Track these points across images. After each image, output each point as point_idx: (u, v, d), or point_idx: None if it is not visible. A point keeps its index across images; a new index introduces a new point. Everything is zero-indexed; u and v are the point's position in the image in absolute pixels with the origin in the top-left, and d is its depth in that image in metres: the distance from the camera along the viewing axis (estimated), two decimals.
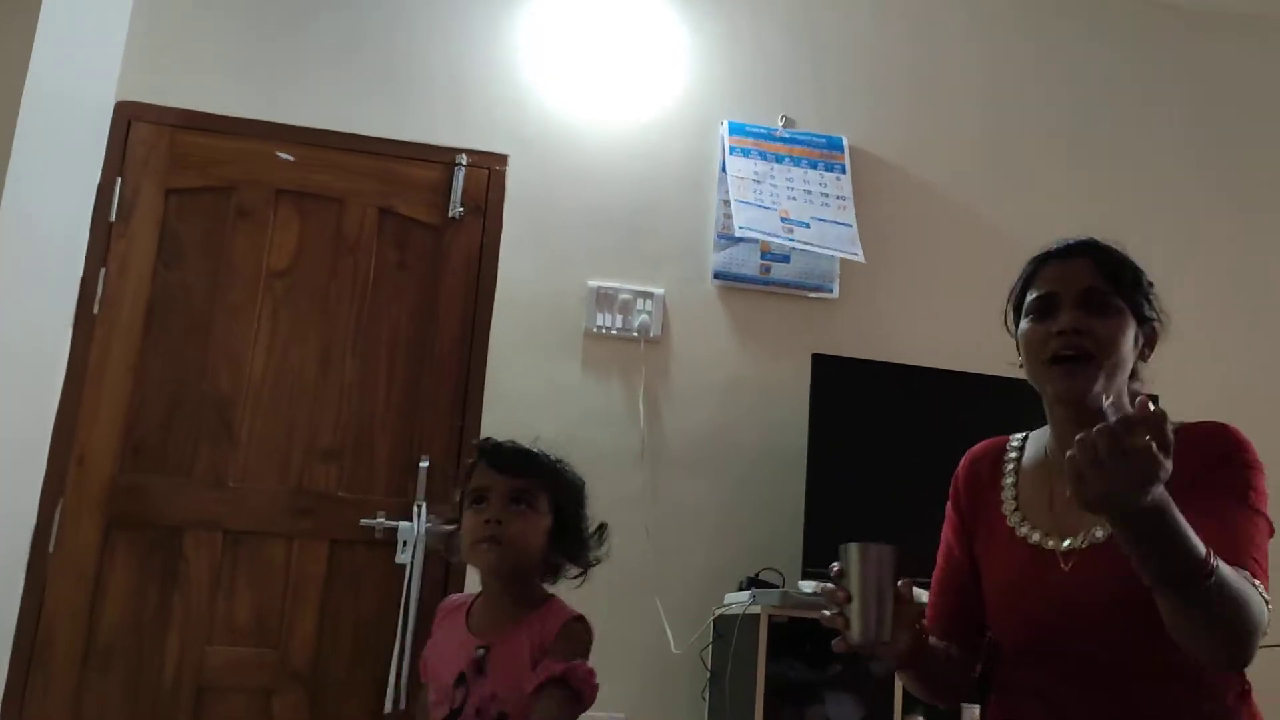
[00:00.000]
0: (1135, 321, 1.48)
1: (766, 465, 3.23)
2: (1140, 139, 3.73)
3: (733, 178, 3.32)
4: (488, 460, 1.66)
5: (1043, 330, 1.48)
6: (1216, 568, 1.20)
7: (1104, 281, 1.49)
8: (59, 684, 2.87)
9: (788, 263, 3.35)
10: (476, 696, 1.54)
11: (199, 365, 3.09)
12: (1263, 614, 1.25)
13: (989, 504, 1.58)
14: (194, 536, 3.00)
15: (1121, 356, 1.45)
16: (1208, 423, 1.46)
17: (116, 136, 3.15)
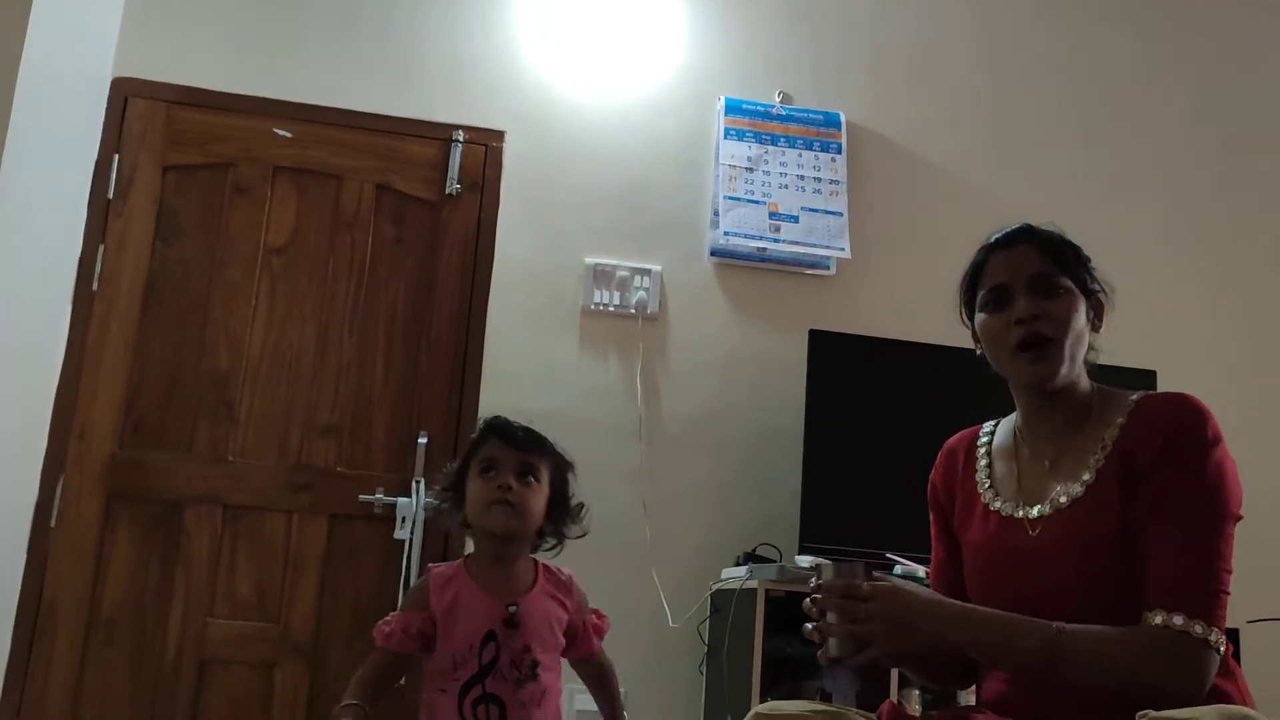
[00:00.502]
0: (1083, 297, 1.55)
1: (764, 441, 3.25)
2: (1141, 116, 3.72)
3: (724, 167, 3.32)
4: (499, 435, 1.80)
5: (1001, 320, 1.54)
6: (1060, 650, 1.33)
7: (1050, 265, 1.55)
8: (62, 657, 2.90)
9: None
10: (510, 650, 1.68)
11: (198, 342, 3.10)
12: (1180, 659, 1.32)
13: (966, 487, 1.64)
14: (195, 511, 3.02)
15: (1078, 333, 1.53)
16: (1165, 397, 1.50)
17: (113, 113, 3.15)
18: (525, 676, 1.68)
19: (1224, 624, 1.36)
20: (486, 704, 1.66)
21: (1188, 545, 1.38)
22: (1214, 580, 1.37)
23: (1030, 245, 1.56)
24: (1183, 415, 1.45)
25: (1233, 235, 3.70)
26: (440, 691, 1.70)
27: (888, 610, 1.36)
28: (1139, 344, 3.46)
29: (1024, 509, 1.53)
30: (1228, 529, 1.41)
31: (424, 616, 1.74)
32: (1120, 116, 3.70)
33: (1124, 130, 3.70)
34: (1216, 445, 1.43)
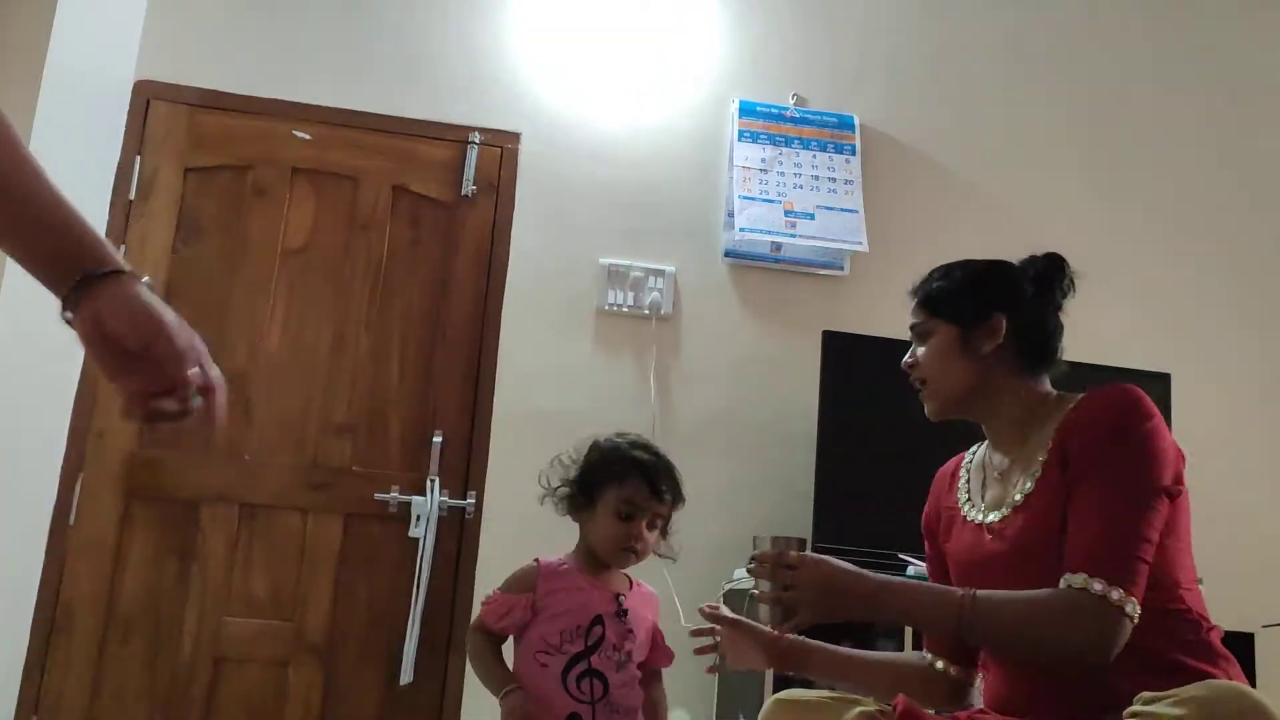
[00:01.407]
0: (960, 327, 1.61)
1: (777, 441, 3.25)
2: (1156, 118, 3.72)
3: (739, 169, 3.34)
4: (648, 483, 1.85)
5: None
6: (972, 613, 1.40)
7: (921, 313, 1.65)
8: (79, 654, 2.92)
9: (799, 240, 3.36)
10: (614, 634, 1.79)
11: (216, 341, 3.13)
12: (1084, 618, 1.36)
13: (949, 505, 1.72)
14: (211, 510, 3.04)
15: (947, 370, 1.61)
16: (1102, 389, 1.53)
17: (136, 116, 3.19)
18: (623, 661, 1.79)
19: (1140, 592, 1.38)
20: (591, 678, 1.77)
21: (1107, 514, 1.41)
22: (1132, 548, 1.39)
23: (913, 298, 1.69)
24: (1111, 400, 1.50)
25: (1248, 239, 3.69)
26: (542, 664, 1.80)
27: (814, 579, 1.46)
28: (1153, 347, 3.46)
29: (988, 514, 1.59)
30: (1153, 502, 1.42)
31: (527, 601, 1.84)
32: (1135, 119, 3.70)
33: (1138, 133, 3.69)
34: (1144, 422, 1.46)
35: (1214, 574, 3.11)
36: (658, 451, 1.91)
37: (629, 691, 1.79)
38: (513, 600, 1.84)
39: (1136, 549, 1.39)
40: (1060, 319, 1.69)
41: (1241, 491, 3.46)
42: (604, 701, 1.77)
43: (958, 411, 1.66)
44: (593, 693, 1.77)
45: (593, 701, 1.76)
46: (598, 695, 1.77)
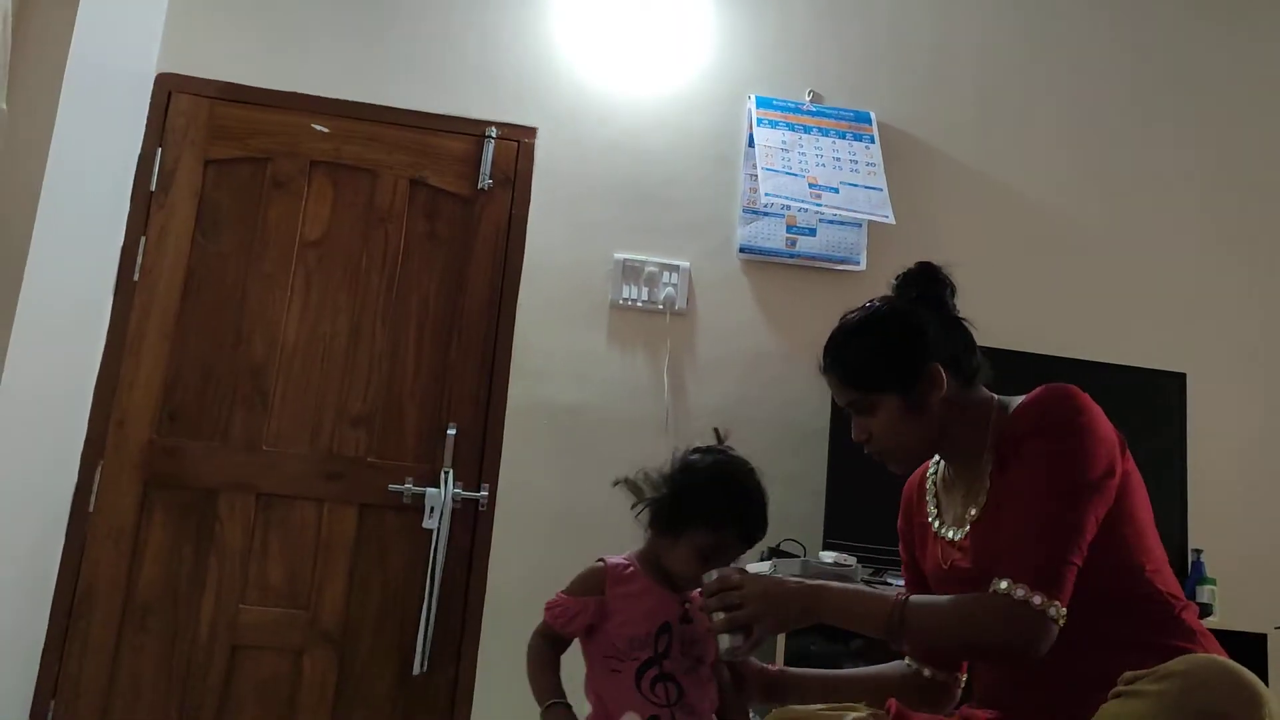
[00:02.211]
0: (901, 392, 1.58)
1: (789, 437, 3.26)
2: (1173, 115, 3.70)
3: (760, 147, 3.34)
4: (740, 535, 1.74)
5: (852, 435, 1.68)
6: (902, 618, 1.44)
7: (853, 392, 1.62)
8: (98, 640, 2.96)
9: (814, 236, 3.37)
10: (681, 640, 1.74)
11: (234, 332, 3.16)
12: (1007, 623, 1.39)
13: (920, 521, 1.72)
14: (228, 499, 3.08)
15: (904, 434, 1.60)
16: (1038, 392, 1.54)
17: (157, 108, 3.22)
18: (693, 666, 1.75)
19: (1067, 593, 1.39)
20: (665, 683, 1.73)
21: (1034, 516, 1.43)
22: (1058, 550, 1.40)
23: (833, 376, 1.65)
24: (1040, 400, 1.51)
25: (1266, 235, 3.67)
26: (612, 670, 1.76)
27: (756, 591, 1.52)
28: (1168, 346, 3.45)
29: (955, 530, 1.61)
30: (1083, 499, 1.43)
31: (597, 603, 1.78)
32: (1151, 116, 3.68)
33: (1155, 131, 3.68)
34: (1074, 418, 1.47)
35: (1227, 575, 3.14)
36: (753, 488, 1.77)
37: (703, 694, 1.75)
38: (581, 603, 1.78)
39: (1063, 551, 1.40)
40: (962, 320, 1.66)
41: (1255, 492, 3.45)
42: (680, 705, 1.73)
43: (924, 461, 1.70)
44: (668, 696, 1.73)
45: (670, 704, 1.72)
46: (673, 699, 1.72)
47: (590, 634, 1.79)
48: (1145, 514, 1.51)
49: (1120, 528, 1.47)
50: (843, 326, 1.66)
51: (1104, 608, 1.44)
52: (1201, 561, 3.11)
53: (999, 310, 3.39)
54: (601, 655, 1.78)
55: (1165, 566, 1.51)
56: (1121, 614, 1.44)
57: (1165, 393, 3.25)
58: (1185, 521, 3.14)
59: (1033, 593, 1.38)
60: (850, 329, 1.65)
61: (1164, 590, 1.48)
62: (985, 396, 1.61)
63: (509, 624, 3.09)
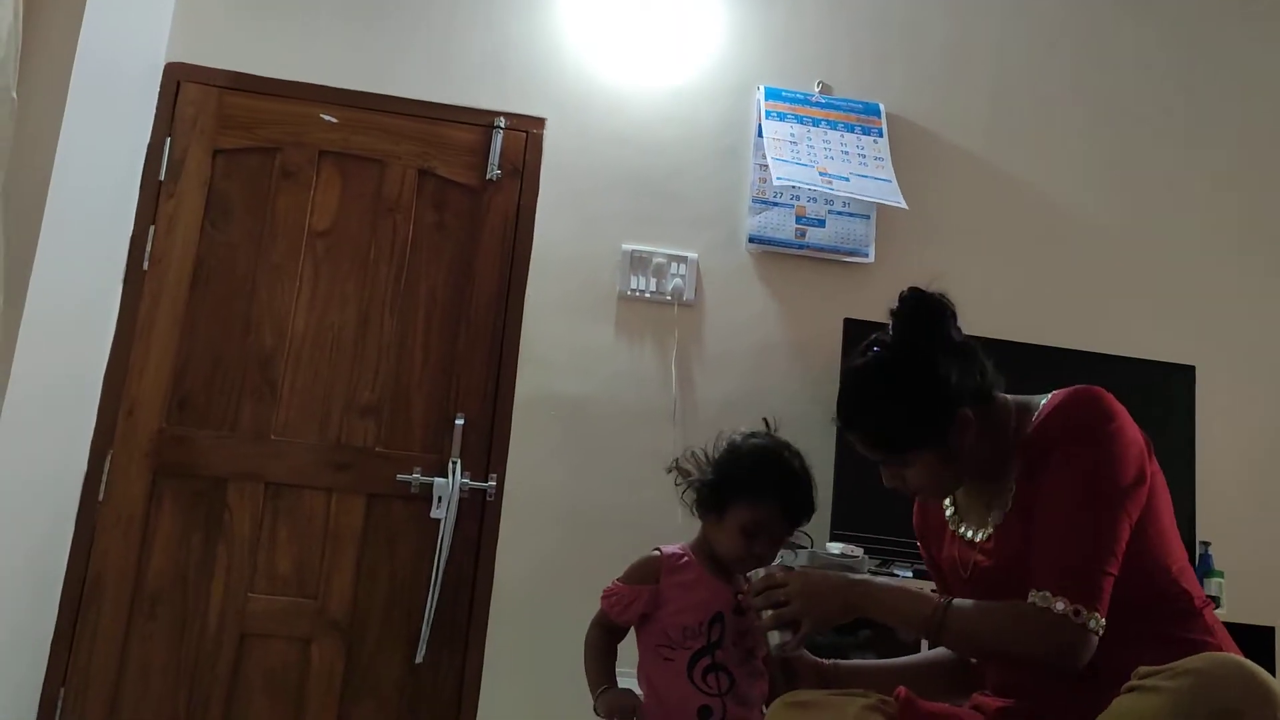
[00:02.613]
0: (934, 446, 1.54)
1: (797, 429, 3.21)
2: (1184, 107, 3.68)
3: (769, 139, 3.33)
4: (784, 511, 1.77)
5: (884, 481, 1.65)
6: (944, 622, 1.46)
7: (882, 452, 1.58)
8: (107, 628, 2.98)
9: (823, 227, 3.36)
10: (734, 630, 1.77)
11: (243, 322, 3.17)
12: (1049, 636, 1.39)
13: (937, 519, 1.72)
14: (237, 488, 3.09)
15: (942, 480, 1.59)
16: (1062, 395, 1.52)
17: (166, 98, 3.22)
18: (745, 657, 1.77)
19: (1105, 604, 1.39)
20: (717, 673, 1.75)
21: (1071, 526, 1.42)
22: (1096, 561, 1.40)
23: (857, 438, 1.60)
24: (1070, 405, 1.50)
25: (1276, 229, 3.65)
26: (665, 659, 1.78)
27: (803, 588, 1.56)
28: (1178, 339, 3.44)
29: (977, 531, 1.61)
30: (1118, 507, 1.43)
31: (651, 591, 1.80)
32: (1163, 110, 3.67)
33: (1167, 124, 3.66)
34: (1105, 424, 1.46)
35: (1236, 568, 3.13)
36: (797, 468, 1.80)
37: (754, 683, 1.77)
38: (636, 591, 1.81)
39: (1100, 562, 1.40)
40: (970, 343, 1.61)
41: (1264, 485, 3.44)
42: (731, 694, 1.75)
43: (959, 485, 1.66)
44: (719, 686, 1.74)
45: (721, 694, 1.74)
46: (725, 688, 1.74)
47: (644, 622, 1.81)
48: (1168, 515, 1.51)
49: (1146, 529, 1.46)
50: (857, 385, 1.59)
51: (1127, 606, 1.43)
52: (1210, 554, 3.10)
53: (1008, 303, 3.40)
54: (654, 643, 1.79)
55: (1187, 566, 1.51)
56: (1143, 611, 1.43)
57: (1175, 386, 3.24)
58: (1194, 514, 3.13)
59: (1072, 605, 1.38)
60: (868, 389, 1.58)
61: (1186, 589, 1.48)
62: (1003, 404, 1.59)
63: (516, 613, 3.10)
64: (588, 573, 3.08)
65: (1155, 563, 1.47)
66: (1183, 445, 3.17)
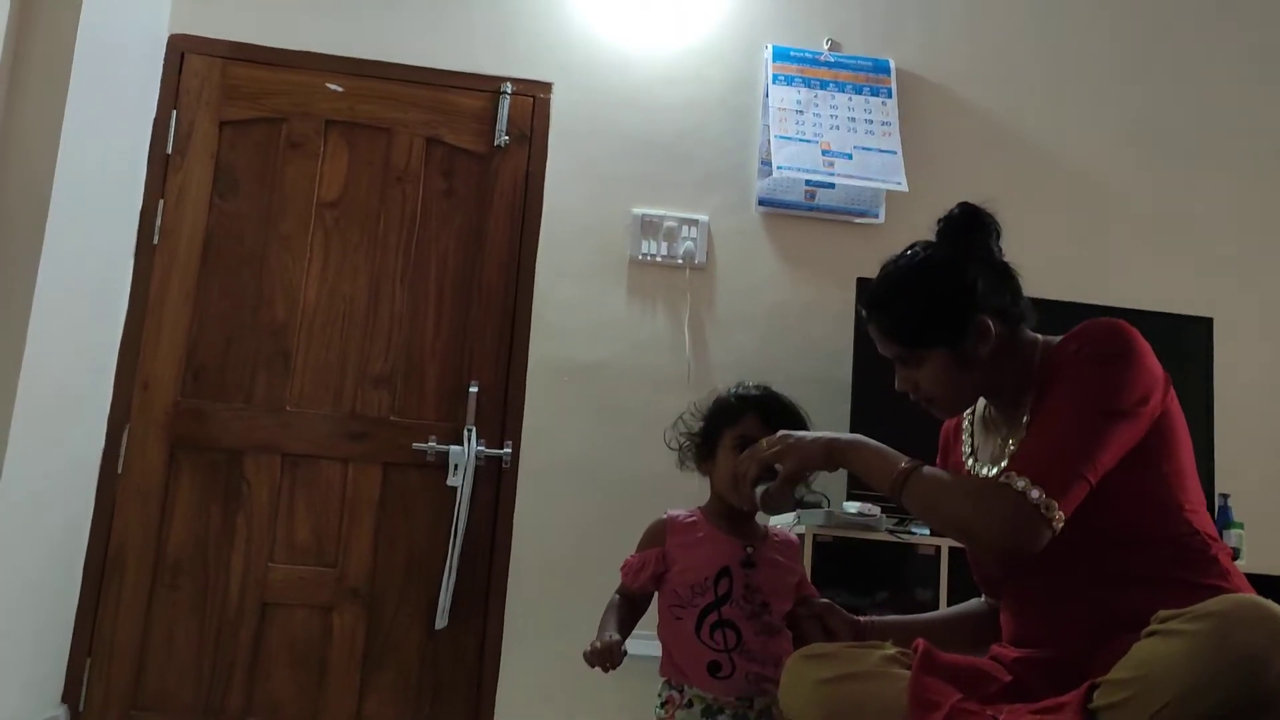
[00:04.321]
0: (950, 347, 1.55)
1: (811, 390, 3.17)
2: (1201, 62, 3.63)
3: (774, 109, 3.30)
4: (760, 414, 1.83)
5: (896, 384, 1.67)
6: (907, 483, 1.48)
7: (898, 345, 1.59)
8: (130, 599, 3.01)
9: (833, 189, 3.33)
10: (743, 584, 1.79)
11: (255, 294, 3.17)
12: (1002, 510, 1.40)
13: (955, 457, 1.72)
14: (254, 459, 3.10)
15: (953, 387, 1.58)
16: (1091, 320, 1.52)
17: (170, 70, 3.21)
18: (757, 610, 1.78)
19: (1071, 501, 1.39)
20: (724, 629, 1.78)
21: (1057, 428, 1.43)
22: (1070, 460, 1.40)
23: (877, 329, 1.62)
24: (1085, 330, 1.50)
25: None
26: (676, 618, 1.81)
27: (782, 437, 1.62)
28: (1194, 291, 3.42)
29: (990, 466, 1.60)
30: (1106, 423, 1.42)
31: (658, 554, 1.84)
32: (1176, 57, 3.62)
33: (1180, 71, 3.61)
34: (1113, 347, 1.46)
35: (1255, 518, 3.12)
36: (772, 390, 1.90)
37: (767, 640, 1.77)
38: (644, 556, 1.85)
39: (1077, 461, 1.40)
40: (1009, 266, 1.64)
41: None
42: (739, 650, 1.76)
43: (970, 406, 1.69)
44: (726, 642, 1.77)
45: (728, 650, 1.76)
46: (731, 644, 1.76)
47: (660, 585, 1.84)
48: (1187, 456, 1.50)
49: (1160, 464, 1.46)
50: (886, 277, 1.62)
51: (1139, 544, 1.43)
52: (1229, 505, 3.09)
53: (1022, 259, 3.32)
54: (668, 604, 1.83)
55: (1202, 508, 1.50)
56: (1156, 551, 1.43)
57: (1192, 338, 3.22)
58: (1212, 466, 3.12)
59: (1033, 487, 1.38)
60: (895, 281, 1.60)
61: (1201, 530, 1.47)
62: (1030, 339, 1.60)
63: (534, 579, 3.12)
64: (604, 537, 3.12)
65: (1169, 498, 1.46)
66: (1200, 398, 3.15)
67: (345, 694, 3.03)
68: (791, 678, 1.53)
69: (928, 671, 1.40)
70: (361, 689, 3.04)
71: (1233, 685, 1.13)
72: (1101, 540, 1.44)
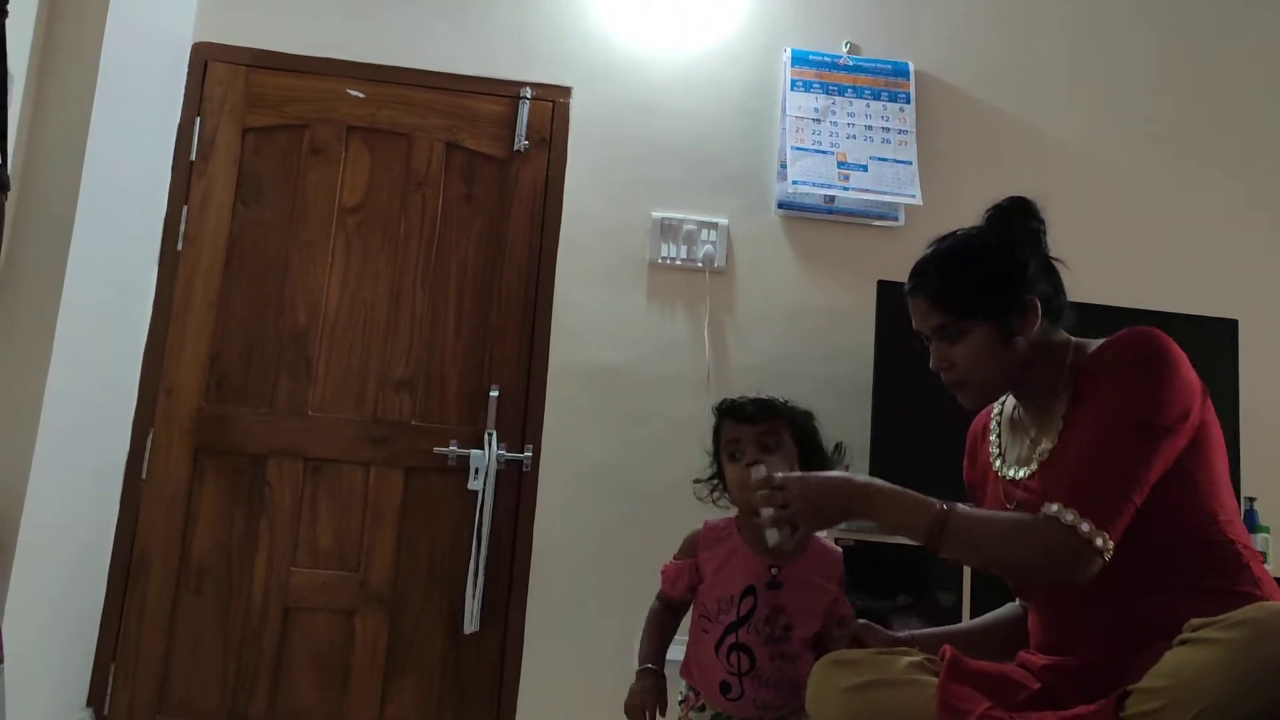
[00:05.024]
0: (995, 321, 1.55)
1: (831, 393, 3.24)
2: (1223, 65, 3.60)
3: (791, 118, 3.30)
4: (731, 417, 1.87)
5: (931, 362, 1.65)
6: (944, 528, 1.43)
7: (943, 315, 1.58)
8: (154, 604, 3.03)
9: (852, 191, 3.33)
10: (767, 606, 1.77)
11: (277, 299, 3.19)
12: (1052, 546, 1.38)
13: (982, 462, 1.72)
14: (277, 464, 3.12)
15: (990, 366, 1.57)
16: (1123, 333, 1.51)
17: (194, 77, 3.24)
18: (777, 636, 1.76)
19: (1118, 528, 1.38)
20: (739, 651, 1.77)
21: (1098, 449, 1.42)
22: (1116, 485, 1.39)
23: (922, 297, 1.60)
24: (1126, 340, 1.48)
25: None
26: (703, 631, 1.82)
27: (802, 489, 1.54)
28: (1219, 293, 3.39)
29: (1018, 469, 1.59)
30: (1151, 441, 1.41)
31: (690, 565, 1.85)
32: (1201, 64, 3.59)
33: (1204, 78, 3.58)
34: (1152, 360, 1.45)
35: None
36: (740, 396, 1.91)
37: (783, 665, 1.76)
38: (680, 565, 1.86)
39: (1123, 486, 1.39)
40: (1053, 260, 1.65)
41: None
42: (751, 675, 1.75)
43: (997, 398, 1.67)
44: (740, 665, 1.76)
45: (740, 674, 1.76)
46: (745, 669, 1.75)
47: (695, 595, 1.85)
48: (1222, 465, 1.50)
49: (1197, 474, 1.45)
50: (938, 249, 1.62)
51: (1173, 553, 1.42)
52: (1255, 510, 3.06)
53: None
54: (698, 614, 1.84)
55: (1237, 518, 1.50)
56: (1190, 560, 1.42)
57: (1217, 340, 3.19)
58: (1238, 470, 3.09)
59: (1082, 519, 1.37)
60: (949, 252, 1.61)
61: (1235, 539, 1.46)
62: (1064, 339, 1.59)
63: (555, 583, 3.12)
64: (625, 540, 3.12)
65: (1203, 510, 1.46)
66: (1226, 401, 3.13)
67: (367, 699, 3.04)
68: (819, 684, 1.53)
69: (956, 679, 1.40)
70: (384, 694, 3.05)
71: (1266, 694, 1.12)
72: (1135, 549, 1.43)
